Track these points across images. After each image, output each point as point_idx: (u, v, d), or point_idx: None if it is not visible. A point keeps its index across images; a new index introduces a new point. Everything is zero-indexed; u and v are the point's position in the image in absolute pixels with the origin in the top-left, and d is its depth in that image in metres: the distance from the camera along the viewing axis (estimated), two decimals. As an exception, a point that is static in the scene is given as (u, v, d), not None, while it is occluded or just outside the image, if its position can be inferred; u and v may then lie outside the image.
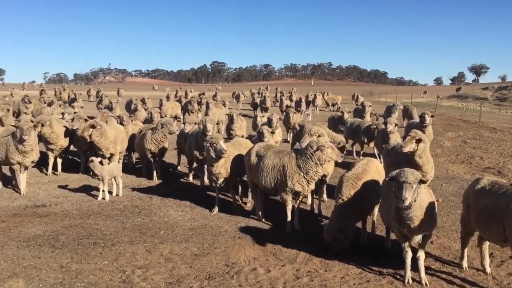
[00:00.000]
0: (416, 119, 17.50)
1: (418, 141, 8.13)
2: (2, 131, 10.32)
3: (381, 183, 7.13)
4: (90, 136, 11.01)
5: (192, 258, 6.70)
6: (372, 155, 13.76)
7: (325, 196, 9.71)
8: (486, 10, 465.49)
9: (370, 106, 21.23)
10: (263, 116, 16.70)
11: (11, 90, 37.92)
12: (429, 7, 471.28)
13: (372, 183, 7.21)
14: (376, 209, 7.59)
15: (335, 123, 17.47)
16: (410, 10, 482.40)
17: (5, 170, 10.73)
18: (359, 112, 20.96)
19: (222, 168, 8.73)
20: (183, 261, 6.58)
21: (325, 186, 9.62)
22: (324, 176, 9.20)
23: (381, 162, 9.92)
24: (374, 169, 7.51)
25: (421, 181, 5.50)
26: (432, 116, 13.52)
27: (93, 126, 11.00)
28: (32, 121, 10.12)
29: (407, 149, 8.12)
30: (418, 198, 5.52)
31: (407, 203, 5.39)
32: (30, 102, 19.97)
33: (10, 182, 10.70)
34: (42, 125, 11.12)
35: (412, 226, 5.66)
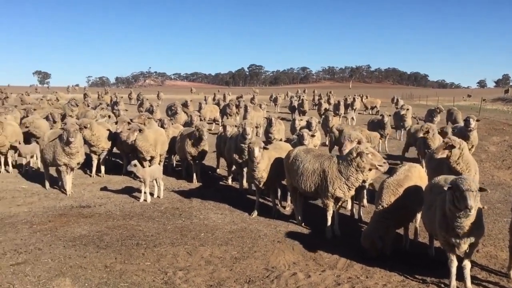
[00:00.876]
0: (461, 123, 17.00)
1: (451, 147, 7.85)
2: (50, 134, 10.72)
3: (424, 189, 6.97)
4: (134, 139, 11.24)
5: (232, 261, 6.74)
6: (415, 160, 13.46)
7: (365, 201, 9.58)
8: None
9: (408, 109, 20.76)
10: (301, 120, 16.65)
11: (56, 95, 39.24)
12: (471, 8, 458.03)
13: (414, 190, 7.04)
14: (419, 216, 7.41)
15: (375, 127, 17.21)
16: (451, 10, 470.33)
17: (52, 171, 11.12)
18: (399, 116, 20.57)
19: (264, 172, 8.76)
20: (223, 264, 6.63)
21: (365, 191, 9.50)
22: (364, 181, 9.08)
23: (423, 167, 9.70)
24: (416, 175, 7.34)
25: (481, 189, 5.32)
26: (477, 120, 13.12)
27: (140, 131, 11.24)
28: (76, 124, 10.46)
29: (439, 156, 7.88)
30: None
31: (473, 211, 5.21)
32: (77, 105, 20.63)
33: (56, 183, 11.08)
34: (84, 128, 11.48)
35: (461, 235, 5.49)
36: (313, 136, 11.19)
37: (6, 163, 12.76)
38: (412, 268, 6.51)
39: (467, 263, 5.78)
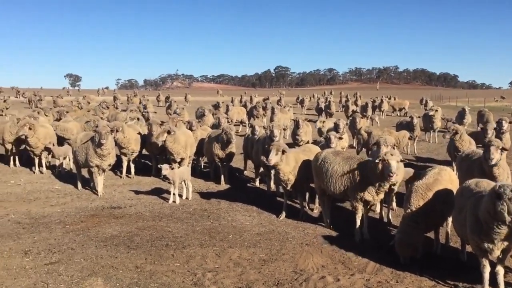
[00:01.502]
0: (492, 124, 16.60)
1: (503, 150, 7.68)
2: (82, 136, 10.99)
3: (454, 193, 6.84)
4: (164, 141, 11.42)
5: (260, 264, 6.76)
6: (445, 163, 13.22)
7: (394, 204, 9.46)
8: None
9: (437, 111, 20.40)
10: (323, 121, 16.59)
11: (87, 98, 40.09)
12: (502, 6, 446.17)
13: (444, 194, 6.91)
14: (450, 220, 7.27)
15: (403, 129, 16.96)
16: (481, 10, 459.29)
17: (84, 172, 11.38)
18: (429, 118, 20.24)
19: (291, 175, 8.76)
20: (251, 266, 6.66)
21: (394, 194, 9.38)
22: (393, 184, 8.97)
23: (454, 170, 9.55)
24: (446, 179, 7.20)
25: None
26: (510, 122, 12.81)
27: (169, 132, 11.42)
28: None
29: (495, 160, 7.69)
30: None
31: None
32: (107, 108, 21.04)
33: (88, 183, 11.33)
34: (117, 131, 11.70)
35: (495, 241, 5.36)
36: (340, 138, 11.14)
37: (40, 164, 13.13)
38: (444, 273, 6.39)
39: (500, 269, 5.65)
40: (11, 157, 13.96)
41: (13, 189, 11.18)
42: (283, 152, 8.46)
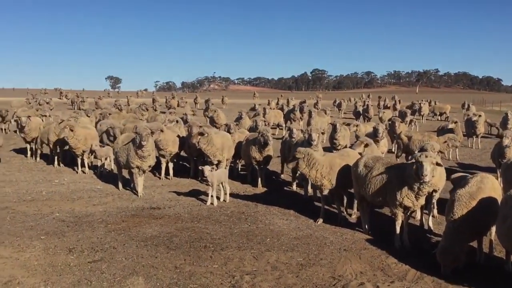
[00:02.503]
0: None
1: None
2: (124, 138, 11.27)
3: (499, 201, 6.63)
4: (198, 143, 11.58)
5: (298, 268, 6.74)
6: (488, 170, 12.84)
7: (435, 211, 9.24)
8: None
9: (480, 116, 19.79)
10: (357, 125, 16.40)
11: (128, 98, 41.07)
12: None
13: (487, 202, 6.70)
14: (494, 229, 7.05)
15: (445, 134, 16.55)
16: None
17: (124, 173, 11.65)
18: (471, 123, 19.66)
19: (325, 180, 8.72)
20: (289, 270, 6.65)
21: (435, 201, 9.16)
22: (434, 191, 8.78)
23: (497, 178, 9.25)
24: (489, 187, 6.98)
25: None
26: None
27: (201, 134, 11.57)
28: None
29: None
30: None
31: None
32: (147, 110, 21.49)
33: (129, 184, 11.59)
34: (161, 131, 11.96)
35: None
36: (377, 141, 11.04)
37: (82, 165, 13.53)
38: (487, 283, 6.22)
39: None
40: (56, 157, 14.45)
41: (57, 188, 11.57)
42: (310, 157, 8.71)
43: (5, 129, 23.41)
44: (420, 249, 7.49)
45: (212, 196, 10.17)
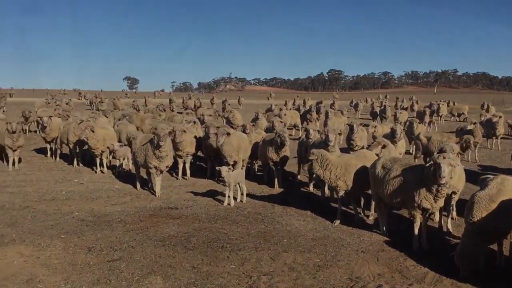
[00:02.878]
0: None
1: None
2: (142, 138, 11.38)
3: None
4: (221, 142, 11.63)
5: (315, 269, 6.73)
6: (508, 172, 12.64)
7: (454, 213, 9.14)
8: None
9: (500, 117, 19.48)
10: (375, 126, 16.27)
11: (146, 98, 41.42)
12: None
13: (508, 204, 6.59)
14: (514, 231, 6.94)
15: (463, 135, 16.32)
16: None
17: (142, 173, 11.76)
18: (491, 124, 19.36)
19: (340, 181, 8.70)
20: (306, 271, 6.64)
21: (454, 203, 9.06)
22: (454, 192, 8.68)
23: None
24: (509, 189, 6.83)
25: None
26: None
27: (228, 134, 11.65)
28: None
29: None
30: None
31: None
32: (164, 110, 21.65)
33: (146, 184, 11.70)
34: (184, 131, 12.08)
35: None
36: (394, 142, 10.96)
37: (101, 164, 13.70)
38: (508, 286, 6.12)
39: None
40: (75, 157, 14.65)
41: (76, 188, 11.73)
42: (323, 158, 8.78)
43: (26, 130, 23.80)
44: (439, 252, 7.42)
45: (229, 196, 10.20)
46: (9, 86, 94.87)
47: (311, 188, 11.85)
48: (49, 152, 16.08)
